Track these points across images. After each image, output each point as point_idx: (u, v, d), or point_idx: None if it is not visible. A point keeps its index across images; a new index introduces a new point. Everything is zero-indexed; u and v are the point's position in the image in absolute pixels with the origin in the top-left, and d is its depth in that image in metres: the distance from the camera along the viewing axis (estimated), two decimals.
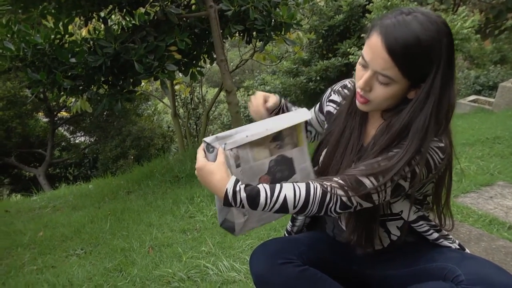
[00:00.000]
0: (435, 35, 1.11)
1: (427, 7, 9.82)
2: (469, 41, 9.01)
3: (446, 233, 1.40)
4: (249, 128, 1.28)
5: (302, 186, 1.19)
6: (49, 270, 3.18)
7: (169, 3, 4.91)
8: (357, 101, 1.28)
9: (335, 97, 1.47)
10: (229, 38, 5.86)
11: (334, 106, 1.46)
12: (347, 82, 1.48)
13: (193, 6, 5.43)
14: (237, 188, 1.17)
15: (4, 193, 12.39)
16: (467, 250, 1.39)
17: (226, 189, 1.17)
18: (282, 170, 1.35)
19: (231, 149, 1.26)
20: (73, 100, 6.01)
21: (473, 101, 8.65)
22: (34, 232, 4.11)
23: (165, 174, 5.59)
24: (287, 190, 1.18)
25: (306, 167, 1.38)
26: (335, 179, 1.20)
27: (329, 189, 1.18)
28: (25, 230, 4.23)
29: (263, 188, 1.18)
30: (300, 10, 5.73)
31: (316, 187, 1.18)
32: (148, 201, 4.55)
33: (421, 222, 1.34)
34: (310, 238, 1.49)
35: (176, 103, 8.91)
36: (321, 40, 10.99)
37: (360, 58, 1.22)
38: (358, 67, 1.24)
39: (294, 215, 1.63)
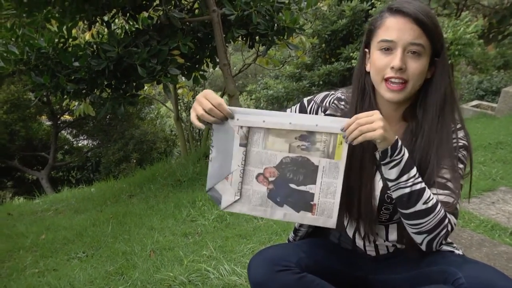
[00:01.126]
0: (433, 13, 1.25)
1: None
2: (472, 46, 8.99)
3: (450, 240, 1.40)
4: (270, 114, 1.21)
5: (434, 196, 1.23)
6: (51, 273, 3.18)
7: (172, 8, 4.93)
8: (390, 94, 1.26)
9: (332, 111, 1.42)
10: (232, 42, 5.88)
11: None
12: (338, 94, 1.45)
13: (196, 11, 5.45)
14: (403, 146, 1.19)
15: (7, 196, 12.43)
16: None
17: (396, 138, 1.17)
18: (296, 173, 1.22)
19: (241, 127, 1.21)
20: (76, 103, 6.02)
21: (476, 106, 8.64)
22: (36, 235, 4.12)
23: (167, 178, 5.60)
24: (427, 188, 1.22)
25: (333, 185, 1.21)
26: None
27: (446, 213, 1.23)
28: (27, 233, 4.24)
29: (414, 165, 1.21)
30: (303, 15, 5.73)
31: (441, 205, 1.22)
32: (150, 205, 4.56)
33: None
34: (310, 245, 1.47)
35: (179, 107, 8.93)
36: (324, 45, 10.98)
37: (380, 45, 1.25)
38: (378, 56, 1.26)
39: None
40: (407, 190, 1.19)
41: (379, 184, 1.33)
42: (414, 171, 1.19)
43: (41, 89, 4.65)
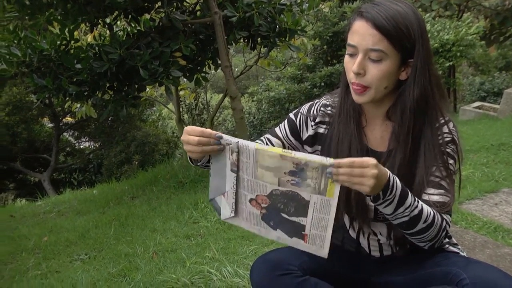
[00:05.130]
0: (409, 10, 1.21)
1: (431, 13, 9.83)
2: (473, 47, 9.00)
3: (455, 241, 1.40)
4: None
5: (426, 205, 1.21)
6: (53, 275, 3.18)
7: (174, 9, 4.94)
8: (354, 96, 1.28)
9: (321, 118, 1.43)
10: (234, 44, 5.89)
11: (324, 126, 1.42)
12: (323, 101, 1.45)
13: (198, 12, 5.45)
14: (394, 177, 1.13)
15: (9, 198, 12.43)
16: None
17: (389, 175, 1.11)
18: (287, 204, 1.16)
19: (231, 153, 1.18)
20: (78, 105, 6.03)
21: (478, 107, 8.63)
22: (39, 237, 4.12)
23: (169, 180, 5.60)
24: (422, 204, 1.19)
25: (324, 219, 1.14)
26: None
27: (440, 215, 1.23)
28: (29, 235, 4.25)
29: (408, 190, 1.17)
30: (305, 17, 5.74)
31: (435, 211, 1.22)
32: (152, 207, 4.56)
33: None
34: None
35: (181, 109, 8.93)
36: (325, 46, 10.97)
37: (347, 49, 1.26)
38: (346, 59, 1.27)
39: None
40: (406, 218, 1.17)
41: None
42: (409, 199, 1.15)
43: (43, 91, 4.65)
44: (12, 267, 3.53)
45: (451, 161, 1.27)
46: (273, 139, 1.48)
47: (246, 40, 5.53)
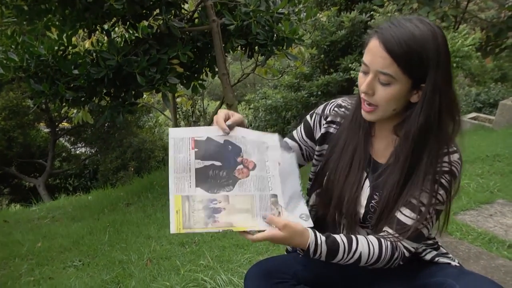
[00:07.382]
0: (429, 33, 1.14)
1: None
2: (470, 58, 9.05)
3: (445, 251, 1.40)
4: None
5: (375, 243, 1.25)
6: (46, 281, 3.17)
7: (172, 17, 4.95)
8: (363, 112, 1.27)
9: (332, 118, 1.42)
10: (231, 52, 5.91)
11: (335, 126, 1.42)
12: (339, 101, 1.45)
13: (196, 20, 5.47)
14: (319, 241, 1.20)
15: (4, 203, 12.36)
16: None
17: (308, 244, 1.19)
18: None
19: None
20: (75, 111, 6.02)
21: (473, 118, 8.66)
22: (32, 243, 4.10)
23: (165, 187, 5.55)
24: (363, 248, 1.24)
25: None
26: (396, 234, 1.26)
27: (396, 246, 1.26)
28: (23, 240, 4.22)
29: (342, 243, 1.23)
30: (302, 26, 5.76)
31: (387, 246, 1.25)
32: (148, 214, 4.55)
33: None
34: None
35: (178, 116, 8.94)
36: (322, 55, 11.01)
37: (362, 65, 1.24)
38: (360, 75, 1.26)
39: None
40: (345, 263, 1.25)
41: (366, 191, 1.32)
42: (340, 255, 1.23)
43: (40, 96, 4.65)
44: (5, 273, 3.50)
45: (441, 192, 1.23)
46: (290, 142, 1.50)
47: (243, 48, 5.55)
